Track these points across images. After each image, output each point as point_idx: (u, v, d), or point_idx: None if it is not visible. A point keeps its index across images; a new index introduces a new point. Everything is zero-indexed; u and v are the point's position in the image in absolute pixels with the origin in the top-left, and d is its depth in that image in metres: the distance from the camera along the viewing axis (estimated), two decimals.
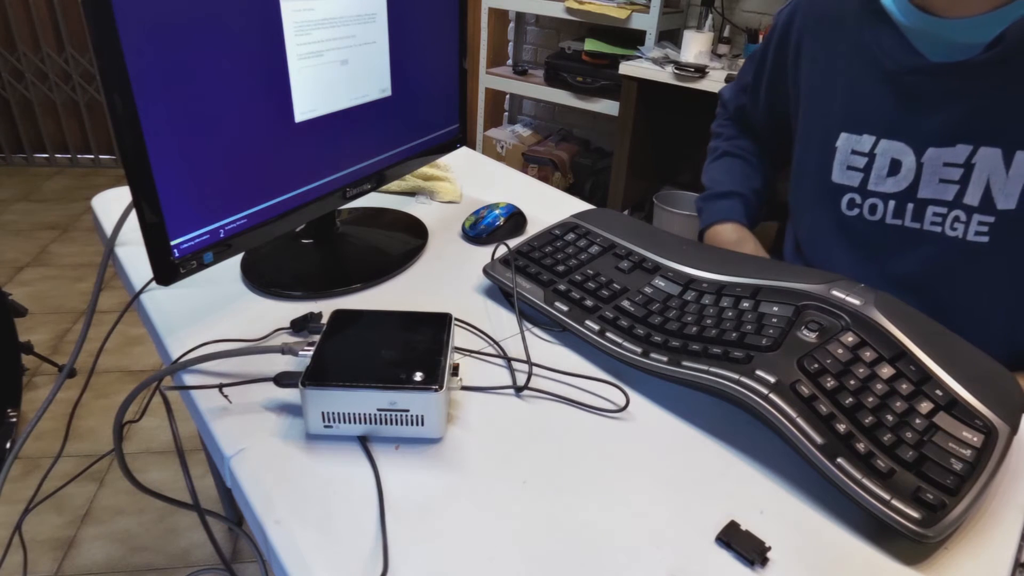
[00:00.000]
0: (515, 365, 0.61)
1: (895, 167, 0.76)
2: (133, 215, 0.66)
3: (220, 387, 0.55)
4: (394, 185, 0.97)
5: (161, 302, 0.68)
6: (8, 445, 1.40)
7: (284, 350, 0.56)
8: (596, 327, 0.62)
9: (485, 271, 0.72)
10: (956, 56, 0.70)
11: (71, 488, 1.45)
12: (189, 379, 0.57)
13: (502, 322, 0.68)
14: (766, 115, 0.98)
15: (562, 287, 0.67)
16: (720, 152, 1.06)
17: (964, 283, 0.75)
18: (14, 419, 1.46)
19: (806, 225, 0.88)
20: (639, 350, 0.59)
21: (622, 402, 0.57)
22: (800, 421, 0.49)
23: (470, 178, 1.05)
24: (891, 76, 0.75)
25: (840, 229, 0.82)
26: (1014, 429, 0.50)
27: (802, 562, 0.44)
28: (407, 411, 0.50)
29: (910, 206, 0.76)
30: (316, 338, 0.55)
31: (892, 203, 0.77)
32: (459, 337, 0.65)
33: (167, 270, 0.58)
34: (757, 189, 1.00)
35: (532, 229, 0.88)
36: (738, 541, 0.45)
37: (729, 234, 0.95)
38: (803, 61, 0.85)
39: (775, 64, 0.91)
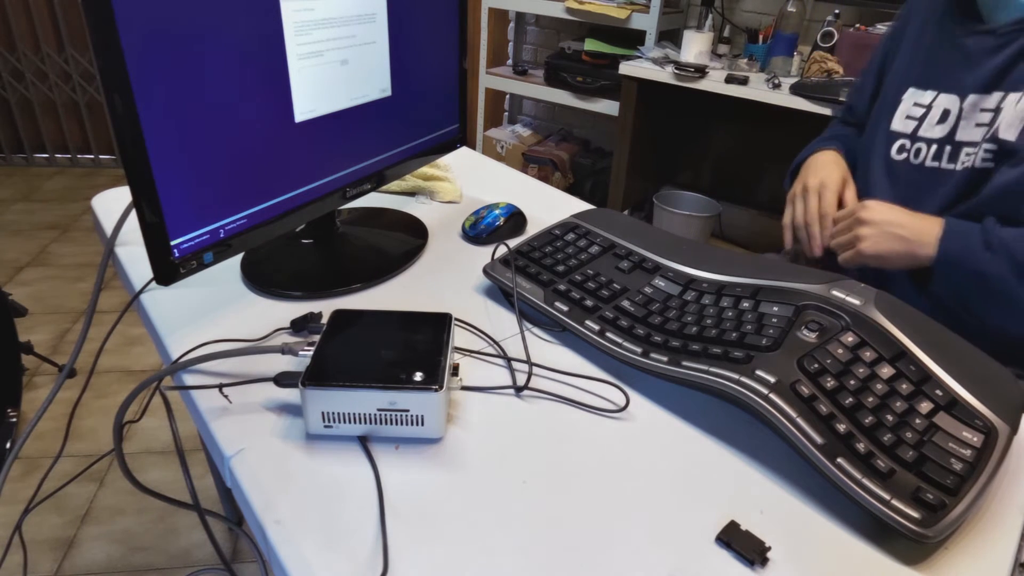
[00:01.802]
0: (515, 365, 0.61)
1: (944, 116, 0.85)
2: (133, 215, 0.66)
3: (220, 387, 0.55)
4: (394, 185, 0.97)
5: (161, 302, 0.68)
6: (8, 445, 1.40)
7: (284, 350, 0.56)
8: (596, 327, 0.62)
9: (485, 271, 0.72)
10: (1013, 15, 0.80)
11: (71, 488, 1.45)
12: (189, 379, 0.57)
13: (502, 322, 0.68)
14: (869, 100, 1.03)
15: (562, 287, 0.67)
16: (821, 137, 1.14)
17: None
18: (14, 419, 1.46)
19: (860, 171, 0.97)
20: (639, 350, 0.59)
21: (622, 402, 0.57)
22: (800, 421, 0.49)
23: (470, 178, 1.05)
24: (958, 39, 0.86)
25: (887, 172, 0.91)
26: (1014, 429, 0.50)
27: (802, 562, 0.44)
28: (407, 411, 0.50)
29: (948, 148, 0.84)
30: (316, 338, 0.55)
31: (934, 147, 0.85)
32: (459, 337, 0.65)
33: (167, 270, 0.58)
34: (853, 147, 1.06)
35: (532, 229, 0.88)
36: (738, 541, 0.45)
37: (824, 155, 0.99)
38: (904, 37, 0.96)
39: (887, 46, 1.00)
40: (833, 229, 0.89)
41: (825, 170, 0.95)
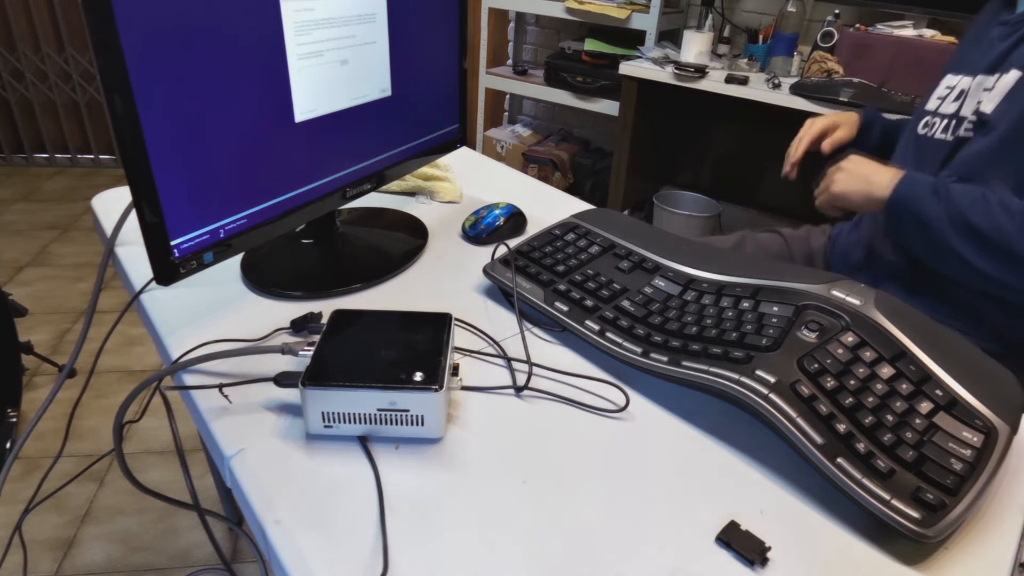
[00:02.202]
0: (515, 365, 0.61)
1: (960, 96, 0.92)
2: (133, 215, 0.66)
3: (220, 387, 0.55)
4: (394, 185, 0.97)
5: (161, 302, 0.68)
6: (8, 445, 1.40)
7: (284, 350, 0.56)
8: (596, 327, 0.62)
9: (485, 271, 0.72)
10: None
11: (71, 488, 1.45)
12: (189, 379, 0.57)
13: (502, 322, 0.68)
14: None
15: (562, 287, 0.67)
16: None
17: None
18: (14, 419, 1.46)
19: (899, 147, 1.04)
20: (639, 350, 0.59)
21: (622, 402, 0.57)
22: (800, 421, 0.49)
23: (470, 178, 1.05)
24: (989, 29, 0.93)
25: (911, 145, 0.99)
26: (1014, 429, 0.50)
27: (802, 562, 0.44)
28: (407, 411, 0.50)
29: (953, 123, 0.91)
30: (316, 338, 0.55)
31: (944, 121, 0.92)
32: (459, 337, 0.65)
33: (167, 270, 0.58)
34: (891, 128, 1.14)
35: (532, 229, 0.88)
36: (738, 541, 0.45)
37: (846, 113, 1.12)
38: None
39: None
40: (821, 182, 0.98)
41: (828, 117, 1.11)
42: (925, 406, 0.50)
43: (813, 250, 1.13)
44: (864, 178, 0.87)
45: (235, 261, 0.75)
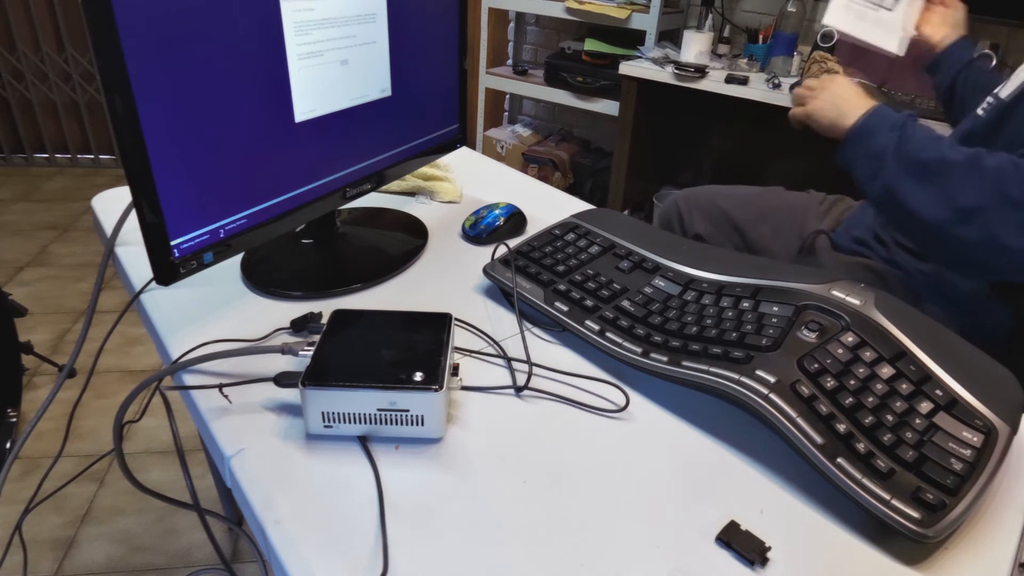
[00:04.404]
0: (515, 365, 0.61)
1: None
2: (133, 215, 0.66)
3: (220, 387, 0.55)
4: (394, 185, 0.97)
5: (161, 302, 0.68)
6: (8, 445, 1.40)
7: (284, 350, 0.56)
8: (596, 327, 0.62)
9: (485, 271, 0.72)
10: None
11: (71, 488, 1.45)
12: (189, 379, 0.57)
13: (502, 322, 0.68)
14: None
15: (562, 287, 0.67)
16: None
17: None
18: (14, 419, 1.46)
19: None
20: (639, 350, 0.59)
21: (622, 402, 0.57)
22: (800, 421, 0.49)
23: (470, 178, 1.05)
24: None
25: (969, 126, 0.95)
26: (1014, 429, 0.50)
27: (802, 562, 0.44)
28: (407, 411, 0.50)
29: (992, 103, 0.90)
30: (316, 338, 0.55)
31: (990, 100, 0.91)
32: (459, 337, 0.65)
33: (167, 270, 0.58)
34: None
35: (532, 229, 0.88)
36: (738, 541, 0.45)
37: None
38: None
39: None
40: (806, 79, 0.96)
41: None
42: (925, 406, 0.50)
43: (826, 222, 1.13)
44: (836, 106, 0.86)
45: (235, 261, 0.75)
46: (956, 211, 0.73)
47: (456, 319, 0.66)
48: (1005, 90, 0.85)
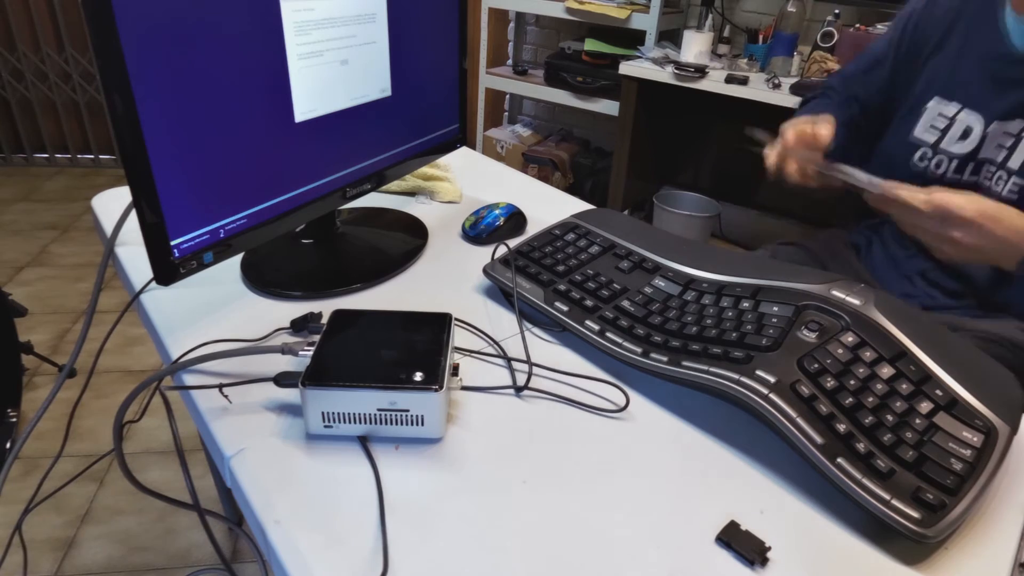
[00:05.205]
0: (515, 365, 0.61)
1: (966, 133, 0.88)
2: (133, 215, 0.66)
3: (220, 387, 0.55)
4: (394, 185, 0.97)
5: (161, 302, 0.68)
6: (8, 445, 1.40)
7: (284, 350, 0.56)
8: (596, 327, 0.62)
9: (485, 271, 0.72)
10: None
11: (71, 488, 1.45)
12: (189, 379, 0.57)
13: (502, 322, 0.68)
14: (878, 93, 1.02)
15: (562, 287, 0.67)
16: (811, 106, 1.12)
17: None
18: (14, 419, 1.46)
19: (880, 174, 0.93)
20: (639, 350, 0.59)
21: (622, 402, 0.57)
22: (800, 421, 0.49)
23: (470, 178, 1.05)
24: (985, 61, 0.88)
25: (913, 177, 0.92)
26: (1014, 429, 0.50)
27: (802, 562, 0.44)
28: (407, 411, 0.50)
29: (970, 165, 0.88)
30: (316, 338, 0.55)
31: (955, 162, 0.89)
32: (459, 337, 0.65)
33: (167, 270, 0.58)
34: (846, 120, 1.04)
35: (532, 229, 0.88)
36: (738, 541, 0.45)
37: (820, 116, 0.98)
38: (945, 42, 0.96)
39: (911, 43, 0.99)
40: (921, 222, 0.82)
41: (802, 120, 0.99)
42: (925, 406, 0.50)
43: (840, 256, 1.09)
44: (997, 249, 0.73)
45: (235, 261, 0.75)
46: None
47: (456, 319, 0.66)
48: (1016, 161, 0.82)
